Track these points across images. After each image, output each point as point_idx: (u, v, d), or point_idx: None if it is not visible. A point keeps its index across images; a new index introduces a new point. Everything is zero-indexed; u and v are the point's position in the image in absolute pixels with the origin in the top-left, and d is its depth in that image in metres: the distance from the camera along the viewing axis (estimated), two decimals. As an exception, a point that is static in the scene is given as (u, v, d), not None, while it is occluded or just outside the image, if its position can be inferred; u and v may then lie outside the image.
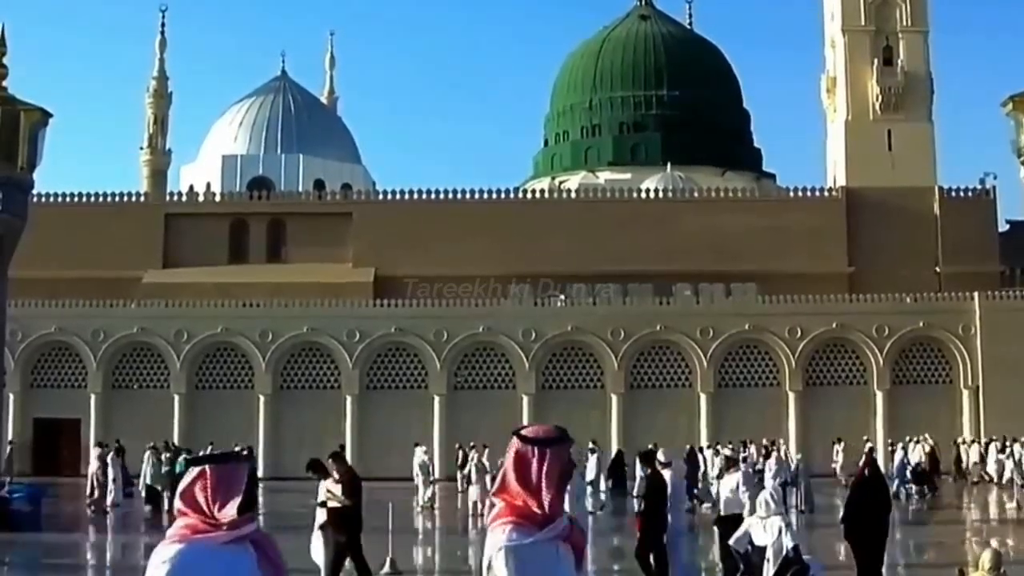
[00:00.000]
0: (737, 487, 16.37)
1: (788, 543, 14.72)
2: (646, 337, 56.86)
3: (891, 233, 64.24)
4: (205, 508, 4.43)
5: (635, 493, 37.14)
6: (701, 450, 46.33)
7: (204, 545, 4.39)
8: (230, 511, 4.42)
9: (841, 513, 17.80)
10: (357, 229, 65.57)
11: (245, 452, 16.71)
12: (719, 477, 17.36)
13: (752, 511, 15.96)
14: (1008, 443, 48.21)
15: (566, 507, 15.24)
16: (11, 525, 28.33)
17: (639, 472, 33.11)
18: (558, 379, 57.34)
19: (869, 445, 44.57)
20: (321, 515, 17.23)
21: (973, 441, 52.09)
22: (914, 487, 41.97)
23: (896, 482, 41.29)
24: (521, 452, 4.63)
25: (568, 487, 4.74)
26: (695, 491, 36.95)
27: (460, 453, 48.04)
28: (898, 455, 43.66)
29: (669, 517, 16.82)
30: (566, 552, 4.67)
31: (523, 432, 4.70)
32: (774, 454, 38.87)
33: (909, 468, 42.55)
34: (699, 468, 38.63)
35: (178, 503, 4.53)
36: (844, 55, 68.55)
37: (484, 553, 4.66)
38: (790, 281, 59.28)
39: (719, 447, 43.66)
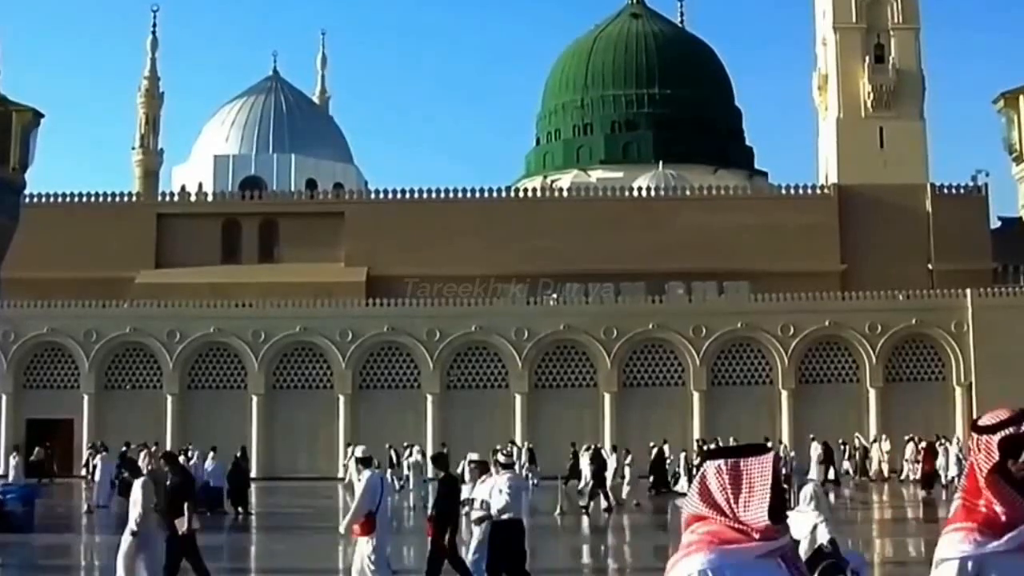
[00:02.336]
0: (501, 491, 16.10)
1: (823, 537, 14.82)
2: (639, 335, 56.87)
3: (883, 230, 64.26)
4: (727, 510, 3.72)
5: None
6: (615, 449, 44.52)
7: (737, 557, 3.68)
8: (759, 515, 3.68)
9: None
10: (349, 229, 65.48)
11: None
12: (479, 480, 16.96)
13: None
14: (915, 441, 48.90)
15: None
16: (4, 526, 28.26)
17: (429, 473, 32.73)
18: (551, 378, 57.32)
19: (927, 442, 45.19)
20: (134, 517, 16.06)
21: (874, 440, 52.91)
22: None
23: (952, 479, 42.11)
24: (979, 443, 4.00)
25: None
26: (600, 492, 36.79)
27: (392, 452, 47.80)
28: (951, 450, 44.26)
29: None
30: None
31: (980, 422, 4.05)
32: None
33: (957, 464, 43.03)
34: (605, 468, 38.36)
35: (696, 503, 3.78)
36: (836, 53, 68.53)
37: (935, 555, 4.25)
38: (783, 279, 59.30)
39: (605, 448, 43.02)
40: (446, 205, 66.33)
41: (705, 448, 47.60)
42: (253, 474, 47.58)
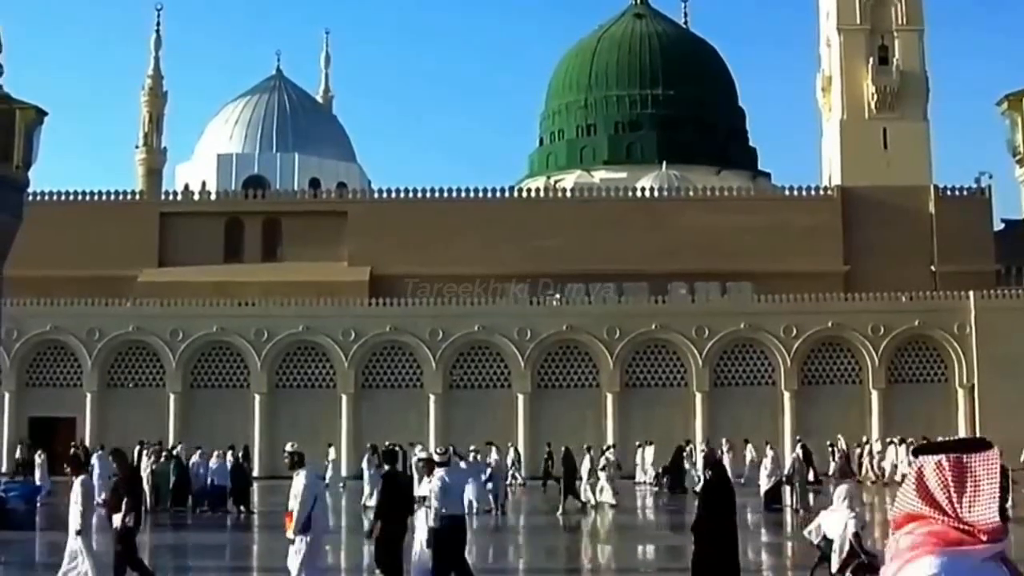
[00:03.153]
0: (433, 491, 16.03)
1: (850, 531, 14.86)
2: (641, 336, 56.84)
3: (887, 232, 64.24)
4: (948, 509, 3.43)
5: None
6: (590, 449, 44.23)
7: (967, 560, 3.40)
8: (989, 515, 3.40)
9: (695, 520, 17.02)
10: (352, 228, 65.51)
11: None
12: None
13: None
14: (896, 444, 48.80)
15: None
16: (7, 524, 28.29)
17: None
18: (553, 378, 57.32)
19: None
20: (75, 515, 15.70)
21: (865, 442, 52.90)
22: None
23: None
24: None
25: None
26: (574, 490, 36.70)
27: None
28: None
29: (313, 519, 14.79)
30: None
31: None
32: (769, 453, 38.83)
33: None
34: (577, 468, 38.23)
35: (913, 501, 3.49)
36: (839, 54, 68.56)
37: None
38: (785, 280, 59.28)
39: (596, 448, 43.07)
40: (449, 205, 66.35)
41: (916, 443, 47.60)
42: (255, 473, 47.66)
